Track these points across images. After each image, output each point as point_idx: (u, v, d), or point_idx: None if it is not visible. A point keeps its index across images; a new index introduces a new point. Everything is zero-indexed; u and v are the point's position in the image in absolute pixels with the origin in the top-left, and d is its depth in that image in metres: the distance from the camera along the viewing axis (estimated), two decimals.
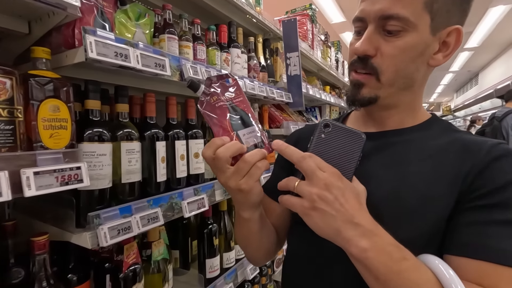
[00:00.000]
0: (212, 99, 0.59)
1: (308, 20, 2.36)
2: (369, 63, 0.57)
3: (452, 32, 0.57)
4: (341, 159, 0.50)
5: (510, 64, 6.66)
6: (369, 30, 0.56)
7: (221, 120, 0.57)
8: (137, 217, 0.81)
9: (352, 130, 0.51)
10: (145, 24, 0.95)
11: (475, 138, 0.58)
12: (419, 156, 0.58)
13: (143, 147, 0.94)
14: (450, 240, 0.52)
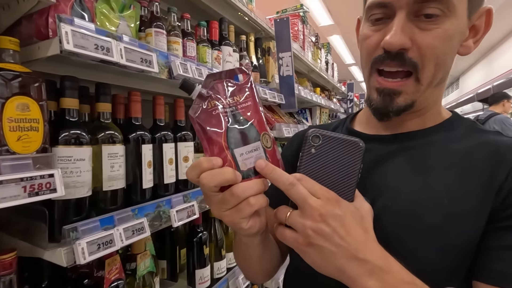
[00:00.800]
0: (210, 105, 0.44)
1: (299, 20, 2.32)
2: (406, 57, 0.47)
3: (483, 14, 0.50)
4: (338, 175, 0.41)
5: (489, 69, 6.91)
6: (401, 17, 0.46)
7: (215, 133, 0.43)
8: (120, 229, 0.73)
9: (347, 139, 0.41)
10: (130, 16, 0.87)
11: (509, 140, 0.50)
12: (442, 162, 0.50)
13: (127, 151, 0.85)
14: (482, 265, 0.45)
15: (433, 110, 0.56)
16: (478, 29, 0.51)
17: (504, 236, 0.44)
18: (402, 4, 0.45)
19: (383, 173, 0.53)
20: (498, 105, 3.72)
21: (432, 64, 0.48)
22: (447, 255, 0.45)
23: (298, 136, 0.74)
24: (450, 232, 0.45)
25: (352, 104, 4.10)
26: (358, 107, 5.16)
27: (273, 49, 1.77)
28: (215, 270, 1.28)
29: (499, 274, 0.43)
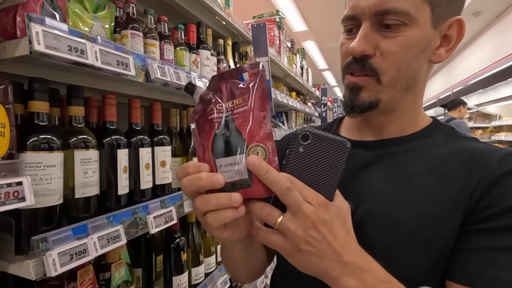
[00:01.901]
0: (209, 108, 0.41)
1: (275, 26, 2.37)
2: (367, 63, 0.51)
3: (453, 24, 0.53)
4: (323, 174, 0.41)
5: (449, 77, 7.46)
6: (365, 27, 0.51)
7: (205, 140, 0.41)
8: (94, 238, 0.70)
9: (336, 139, 0.41)
10: (105, 17, 0.85)
11: (484, 146, 0.54)
12: (421, 168, 0.53)
13: (101, 156, 0.82)
14: (455, 266, 0.47)
15: (411, 115, 0.59)
16: (450, 38, 0.54)
17: (477, 239, 0.46)
18: (366, 16, 0.50)
19: (367, 178, 0.55)
20: (455, 110, 4.06)
21: (393, 68, 0.51)
22: (425, 256, 0.48)
23: (286, 138, 0.75)
24: (428, 235, 0.48)
25: (326, 108, 4.24)
26: (332, 111, 5.33)
27: (250, 53, 1.79)
28: (193, 276, 1.26)
29: (472, 275, 0.45)
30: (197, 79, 1.14)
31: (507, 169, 0.48)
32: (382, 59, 0.51)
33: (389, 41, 0.50)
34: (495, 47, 4.92)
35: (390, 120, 0.58)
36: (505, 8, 4.52)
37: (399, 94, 0.55)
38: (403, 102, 0.56)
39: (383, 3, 0.48)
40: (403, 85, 0.54)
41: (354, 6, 0.51)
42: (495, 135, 4.77)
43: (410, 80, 0.54)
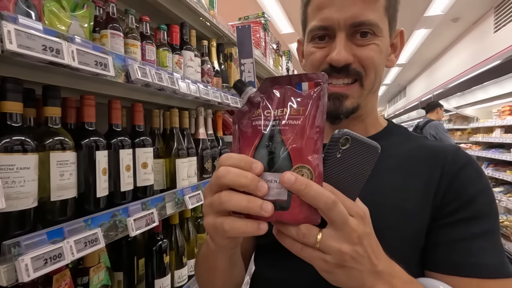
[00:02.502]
0: (256, 112, 0.38)
1: (261, 28, 2.38)
2: (350, 69, 0.55)
3: (398, 34, 0.61)
4: (353, 179, 0.38)
5: (430, 80, 7.71)
6: (342, 38, 0.54)
7: (246, 146, 0.37)
8: (70, 241, 0.68)
9: (371, 143, 0.38)
10: (83, 16, 0.83)
11: (436, 143, 0.60)
12: (388, 165, 0.57)
13: (79, 158, 0.81)
14: (435, 258, 0.52)
15: (372, 116, 0.64)
16: (396, 46, 0.62)
17: (448, 231, 0.51)
18: (341, 27, 0.54)
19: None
20: (433, 112, 4.22)
21: (372, 72, 0.56)
22: (403, 248, 0.52)
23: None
24: (404, 227, 0.52)
25: None
26: None
27: (235, 55, 1.80)
28: (176, 279, 1.25)
29: (451, 264, 0.50)
30: (180, 80, 1.13)
31: (461, 164, 0.55)
32: (363, 65, 0.55)
33: (365, 49, 0.54)
34: (472, 52, 5.12)
35: (358, 122, 0.62)
36: (482, 14, 4.72)
37: (370, 97, 0.60)
38: (369, 104, 0.61)
39: (358, 16, 0.52)
40: (374, 88, 0.59)
41: (327, 18, 0.54)
42: (473, 137, 4.96)
43: (379, 83, 0.60)
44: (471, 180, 0.53)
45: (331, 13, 0.53)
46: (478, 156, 4.78)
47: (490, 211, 0.52)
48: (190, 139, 1.34)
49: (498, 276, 0.48)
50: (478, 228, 0.50)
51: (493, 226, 0.52)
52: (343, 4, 0.53)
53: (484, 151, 4.51)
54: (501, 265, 0.49)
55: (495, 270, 0.48)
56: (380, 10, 0.54)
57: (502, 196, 3.69)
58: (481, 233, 0.50)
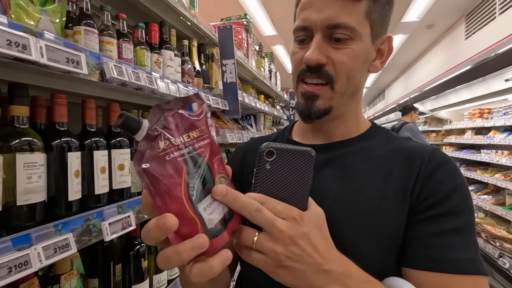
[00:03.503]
0: (159, 147, 0.34)
1: (243, 29, 2.38)
2: (323, 71, 0.56)
3: (385, 40, 0.61)
4: (294, 186, 0.40)
5: (407, 84, 8.01)
6: (318, 38, 0.55)
7: (173, 185, 0.34)
8: (38, 248, 0.65)
9: (300, 150, 0.40)
10: (54, 11, 0.79)
11: (415, 145, 0.61)
12: (368, 166, 0.59)
13: (49, 160, 0.77)
14: (408, 254, 0.53)
15: (353, 119, 0.65)
16: (383, 52, 0.62)
17: (423, 227, 0.53)
18: (318, 28, 0.55)
19: (323, 179, 0.59)
20: (407, 115, 4.41)
21: (344, 77, 0.57)
22: (382, 246, 0.53)
23: (241, 148, 0.78)
24: (383, 226, 0.53)
25: (294, 112, 4.33)
26: None
27: (217, 55, 1.78)
28: (155, 284, 1.21)
29: (422, 259, 0.51)
30: (158, 79, 1.10)
31: (437, 163, 0.56)
32: (334, 68, 0.56)
33: (339, 52, 0.55)
34: (445, 57, 5.38)
35: (338, 125, 0.63)
36: (454, 22, 4.96)
37: (346, 100, 0.60)
38: (348, 107, 0.62)
39: (333, 18, 0.53)
40: (350, 92, 0.60)
41: (307, 19, 0.55)
42: (447, 138, 5.19)
43: (355, 87, 0.60)
44: (446, 178, 0.55)
45: (310, 14, 0.55)
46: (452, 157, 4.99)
47: (464, 208, 0.53)
48: None
49: (468, 272, 0.48)
50: (451, 224, 0.51)
51: (467, 222, 0.53)
52: (321, 6, 0.54)
53: (456, 151, 4.73)
54: (472, 261, 0.49)
55: (466, 266, 0.49)
56: (360, 14, 0.55)
57: (473, 195, 3.88)
58: (454, 229, 0.51)
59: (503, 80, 3.07)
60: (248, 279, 0.63)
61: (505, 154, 3.39)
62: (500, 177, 3.41)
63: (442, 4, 4.15)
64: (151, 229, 0.33)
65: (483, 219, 3.35)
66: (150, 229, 0.33)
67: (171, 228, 0.32)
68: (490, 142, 3.63)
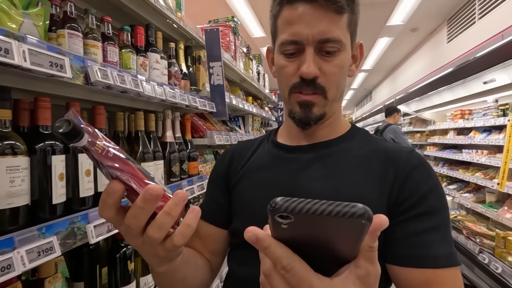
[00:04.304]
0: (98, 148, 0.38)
1: (231, 31, 2.40)
2: (317, 83, 0.59)
3: (358, 47, 0.67)
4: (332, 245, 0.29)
5: (393, 85, 8.20)
6: (311, 52, 0.58)
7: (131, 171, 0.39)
8: (22, 251, 0.65)
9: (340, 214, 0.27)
10: (37, 14, 0.79)
11: (392, 145, 0.66)
12: (349, 165, 0.63)
13: (33, 163, 0.76)
14: (395, 253, 0.57)
15: (337, 121, 0.69)
16: (356, 57, 0.67)
17: (405, 227, 0.57)
18: (310, 42, 0.57)
19: (307, 177, 0.63)
20: (391, 117, 4.54)
21: (334, 86, 0.61)
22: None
23: (229, 151, 0.80)
24: None
25: (282, 113, 4.38)
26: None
27: (204, 58, 1.79)
28: (142, 286, 1.21)
29: (407, 257, 0.55)
30: (144, 82, 1.11)
31: (413, 164, 0.61)
32: (326, 79, 0.60)
33: (330, 64, 0.59)
34: (429, 60, 5.54)
35: (323, 127, 0.67)
36: (437, 26, 5.12)
37: (334, 105, 0.65)
38: (333, 111, 0.66)
39: (325, 33, 0.56)
40: (337, 98, 0.64)
41: (297, 33, 0.58)
42: (431, 138, 5.34)
43: (341, 93, 0.65)
44: (422, 179, 0.59)
45: (301, 29, 0.57)
46: (436, 156, 5.15)
47: (440, 207, 0.58)
48: (157, 142, 1.32)
49: (449, 265, 0.54)
50: (430, 223, 0.56)
51: (443, 219, 0.58)
52: (311, 21, 0.57)
53: (440, 151, 4.88)
54: (451, 255, 0.55)
55: (446, 260, 0.54)
56: (343, 26, 0.59)
57: (456, 193, 4.01)
58: (433, 227, 0.56)
59: (482, 83, 3.20)
60: (237, 276, 0.66)
61: (485, 153, 3.52)
62: (480, 175, 3.54)
63: (425, 8, 4.28)
64: (141, 205, 0.36)
65: (465, 216, 3.47)
66: (141, 205, 0.36)
67: (159, 192, 0.36)
68: (470, 142, 3.77)
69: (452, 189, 4.19)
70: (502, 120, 3.08)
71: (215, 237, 0.71)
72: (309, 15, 0.56)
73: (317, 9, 0.56)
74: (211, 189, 0.76)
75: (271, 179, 0.66)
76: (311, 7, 0.56)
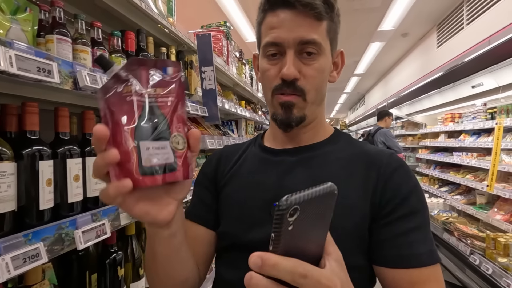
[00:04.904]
0: (126, 89, 0.39)
1: (223, 36, 2.41)
2: (296, 85, 0.61)
3: (339, 54, 0.69)
4: (315, 232, 0.35)
5: (385, 89, 8.32)
6: (291, 55, 0.60)
7: (125, 119, 0.38)
8: (6, 258, 0.64)
9: (324, 191, 0.33)
10: (26, 20, 0.79)
11: (374, 149, 0.69)
12: (333, 168, 0.65)
13: (20, 168, 0.76)
14: (381, 254, 0.59)
15: (320, 125, 0.71)
16: (338, 64, 0.70)
17: (390, 229, 0.59)
18: (290, 45, 0.60)
19: (293, 179, 0.65)
20: (382, 121, 4.61)
21: (314, 89, 0.63)
22: (346, 241, 0.56)
23: (216, 154, 0.81)
24: (344, 222, 0.58)
25: None
26: None
27: (196, 62, 1.80)
28: None
29: (392, 259, 0.58)
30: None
31: (394, 166, 0.63)
32: (306, 82, 0.61)
33: (309, 67, 0.61)
34: (419, 64, 5.63)
35: (306, 130, 0.69)
36: (427, 31, 5.22)
37: (315, 108, 0.66)
38: (315, 114, 0.68)
39: (305, 35, 0.59)
40: (318, 101, 0.66)
41: (279, 36, 0.60)
42: (422, 141, 5.42)
43: (322, 96, 0.66)
44: (403, 181, 0.62)
45: (282, 33, 0.60)
46: (428, 159, 5.22)
47: (420, 207, 0.61)
48: None
49: (431, 263, 0.57)
50: (413, 223, 0.59)
51: (423, 219, 0.61)
52: (292, 26, 0.60)
53: (431, 154, 4.95)
54: (432, 252, 0.58)
55: (429, 258, 0.57)
56: (323, 32, 0.62)
57: (447, 195, 4.06)
58: (415, 227, 0.59)
59: (470, 87, 3.27)
60: (225, 280, 0.66)
61: (474, 156, 3.58)
62: (471, 178, 3.60)
63: (415, 14, 4.37)
64: (97, 161, 0.37)
65: (456, 218, 3.51)
66: (97, 161, 0.37)
67: (112, 159, 0.36)
68: (461, 145, 3.83)
69: (443, 191, 4.24)
70: (491, 123, 3.15)
71: (203, 238, 0.71)
72: (289, 20, 0.59)
73: (297, 15, 0.59)
74: (198, 190, 0.76)
75: (259, 181, 0.68)
76: (291, 13, 0.59)
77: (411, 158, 6.00)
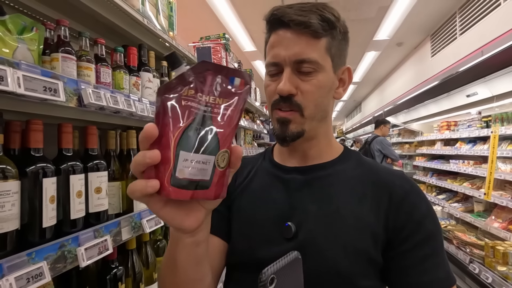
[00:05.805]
0: (185, 92, 0.37)
1: (222, 48, 2.45)
2: (293, 101, 0.62)
3: (345, 71, 0.70)
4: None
5: (381, 97, 8.41)
6: (288, 72, 0.62)
7: (173, 123, 0.36)
8: (10, 279, 0.64)
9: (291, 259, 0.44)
10: (32, 39, 0.81)
11: (383, 168, 0.70)
12: (344, 188, 0.65)
13: (23, 187, 0.76)
14: (401, 280, 0.61)
15: (326, 141, 0.71)
16: (344, 81, 0.71)
17: (408, 256, 0.60)
18: (287, 63, 0.62)
19: (303, 199, 0.65)
20: (378, 129, 4.67)
21: (312, 104, 0.64)
22: (357, 261, 0.59)
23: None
24: (357, 243, 0.60)
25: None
26: None
27: None
28: None
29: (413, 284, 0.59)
30: (137, 102, 1.12)
31: (406, 188, 0.64)
32: (303, 98, 0.63)
33: (307, 83, 0.62)
34: (414, 73, 5.72)
35: (312, 146, 0.70)
36: (421, 41, 5.32)
37: (317, 124, 0.67)
38: (320, 130, 0.69)
39: (300, 54, 0.61)
40: (319, 117, 0.67)
41: (276, 55, 0.63)
42: (419, 149, 5.46)
43: (323, 112, 0.67)
44: (417, 202, 0.63)
45: (280, 51, 0.62)
46: (424, 167, 5.25)
47: (435, 231, 0.63)
48: None
49: (450, 285, 0.59)
50: (431, 248, 0.61)
51: (440, 242, 0.63)
52: (289, 44, 0.62)
53: (428, 162, 4.98)
54: (449, 274, 0.60)
55: (447, 281, 0.59)
56: (321, 49, 0.63)
57: (445, 203, 4.08)
58: (433, 253, 0.60)
59: (465, 96, 3.32)
60: None
61: (471, 163, 3.61)
62: (468, 185, 3.62)
63: (409, 24, 4.45)
64: (138, 158, 0.36)
65: (455, 226, 3.52)
66: (137, 158, 0.36)
67: (151, 160, 0.35)
68: (457, 152, 3.87)
69: (441, 199, 4.26)
70: (486, 131, 3.19)
71: (218, 249, 0.69)
72: (287, 39, 0.62)
73: (294, 34, 0.61)
74: None
75: (269, 199, 0.68)
76: (289, 32, 0.62)
77: (408, 165, 6.04)
